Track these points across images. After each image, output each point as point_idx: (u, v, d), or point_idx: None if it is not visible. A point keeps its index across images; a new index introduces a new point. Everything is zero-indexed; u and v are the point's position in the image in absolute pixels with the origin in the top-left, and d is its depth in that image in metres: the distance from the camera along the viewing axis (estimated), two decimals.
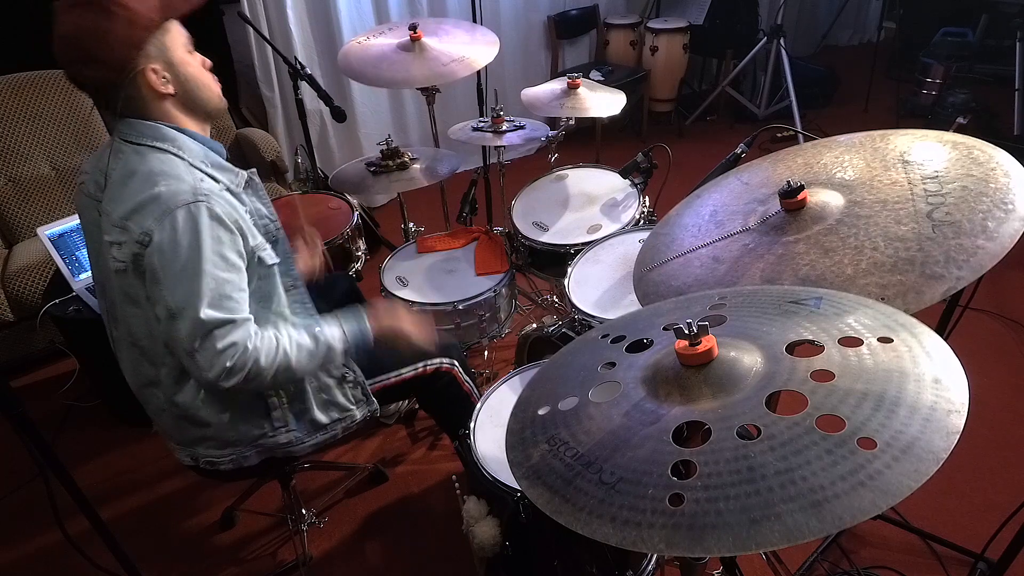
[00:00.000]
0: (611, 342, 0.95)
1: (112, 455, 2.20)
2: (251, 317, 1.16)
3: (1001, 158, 1.00)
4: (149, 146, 1.15)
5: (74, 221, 2.20)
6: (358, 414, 1.44)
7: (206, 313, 1.09)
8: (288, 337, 1.21)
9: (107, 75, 1.10)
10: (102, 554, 1.36)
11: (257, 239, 1.21)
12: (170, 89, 1.15)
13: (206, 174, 1.17)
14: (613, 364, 0.89)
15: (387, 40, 2.16)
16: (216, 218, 1.11)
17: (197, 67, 1.20)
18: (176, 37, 1.16)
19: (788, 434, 0.67)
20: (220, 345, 1.10)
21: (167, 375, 1.24)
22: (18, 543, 1.94)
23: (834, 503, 0.60)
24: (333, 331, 1.28)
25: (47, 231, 2.16)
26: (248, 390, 1.23)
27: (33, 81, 2.63)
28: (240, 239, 1.16)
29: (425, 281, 1.96)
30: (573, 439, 0.80)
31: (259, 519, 1.94)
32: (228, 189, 1.20)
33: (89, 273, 2.20)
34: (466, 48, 2.11)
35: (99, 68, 1.09)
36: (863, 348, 0.74)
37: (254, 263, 1.21)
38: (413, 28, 2.10)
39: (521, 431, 0.88)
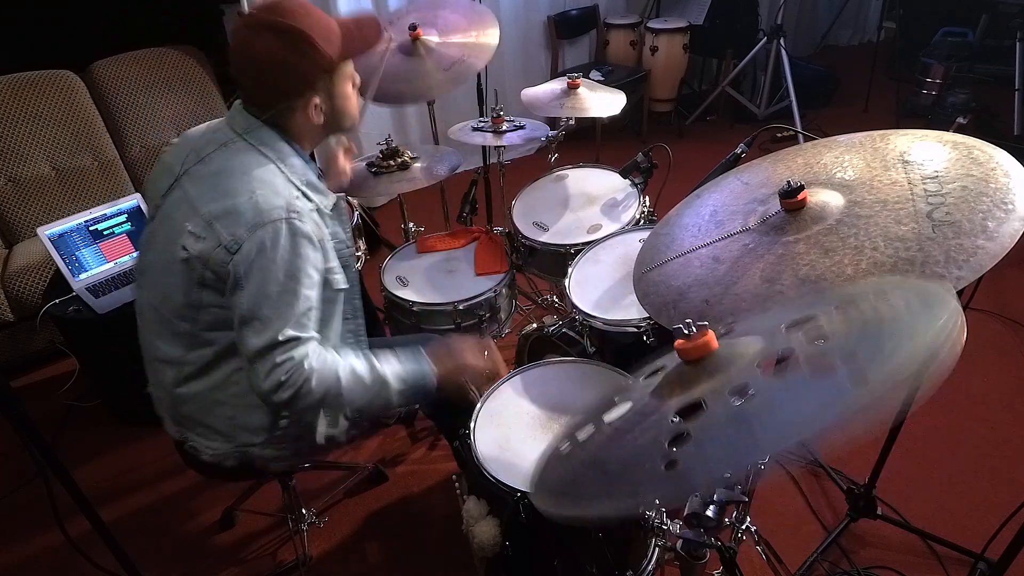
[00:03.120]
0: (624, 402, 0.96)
1: (112, 455, 2.20)
2: (317, 336, 1.17)
3: (1001, 158, 1.00)
4: (259, 151, 1.18)
5: (74, 221, 2.19)
6: (344, 439, 1.43)
7: (279, 329, 1.11)
8: (346, 364, 1.19)
9: (273, 98, 1.16)
10: (102, 554, 1.36)
11: (333, 262, 1.23)
12: (320, 120, 1.21)
13: (301, 192, 1.19)
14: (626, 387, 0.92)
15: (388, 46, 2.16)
16: (305, 235, 1.13)
17: (352, 96, 1.26)
18: (346, 70, 1.22)
19: (779, 385, 0.70)
20: (280, 358, 1.11)
21: (198, 359, 1.24)
22: (18, 543, 1.94)
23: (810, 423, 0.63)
24: (393, 368, 1.25)
25: (47, 231, 2.16)
26: (295, 409, 1.20)
27: (33, 81, 2.63)
28: (322, 259, 1.18)
29: (425, 281, 1.96)
30: (583, 449, 0.83)
31: (259, 519, 1.94)
32: (318, 209, 1.22)
33: (89, 273, 2.20)
34: (466, 38, 2.11)
35: (269, 91, 1.16)
36: (860, 309, 0.75)
37: (323, 284, 1.22)
38: (413, 28, 2.10)
39: (547, 472, 0.91)
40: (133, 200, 2.31)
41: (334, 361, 1.18)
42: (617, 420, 0.86)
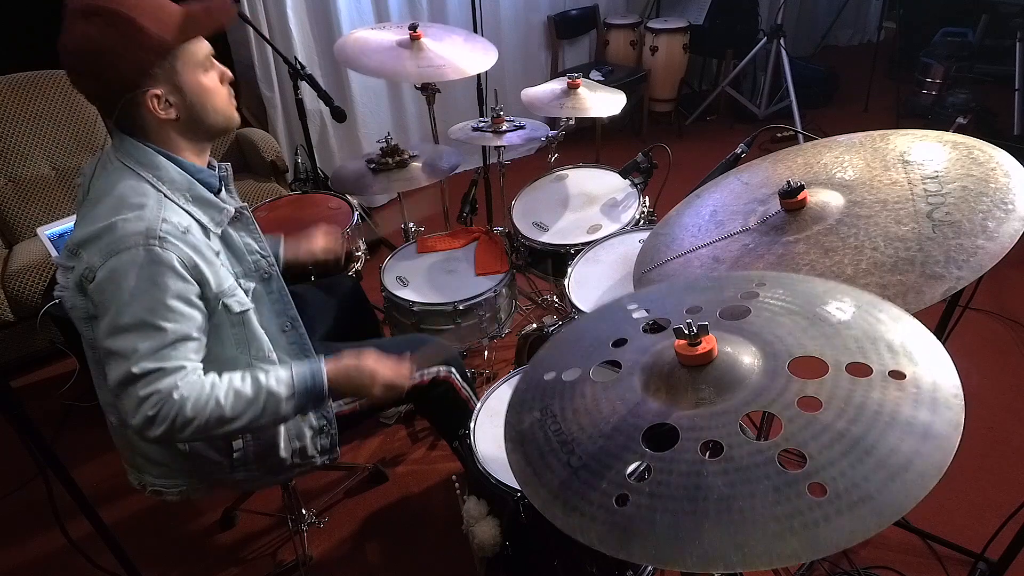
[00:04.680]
0: (634, 315, 0.93)
1: (112, 455, 2.18)
2: (185, 365, 1.07)
3: (1001, 158, 1.00)
4: (132, 170, 1.10)
5: (74, 221, 2.19)
6: (318, 462, 1.39)
7: (134, 363, 1.02)
8: (226, 384, 1.10)
9: (106, 91, 1.06)
10: (102, 554, 1.36)
11: (224, 286, 1.14)
12: (172, 115, 1.10)
13: (184, 209, 1.11)
14: (625, 342, 0.88)
15: (387, 35, 2.16)
16: (166, 264, 1.04)
17: (210, 87, 1.13)
18: (192, 56, 1.09)
19: (747, 460, 0.65)
20: (143, 392, 1.03)
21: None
22: (18, 543, 1.94)
23: (757, 543, 0.59)
24: (278, 375, 1.15)
25: (47, 231, 2.16)
26: (179, 441, 1.11)
27: (33, 81, 2.63)
28: (194, 287, 1.08)
29: (425, 281, 1.96)
30: (561, 414, 0.81)
31: (259, 519, 1.94)
32: (205, 227, 1.14)
33: None
34: (463, 55, 2.11)
35: (98, 84, 1.05)
36: (868, 379, 0.69)
37: (219, 311, 1.13)
38: (413, 28, 2.10)
39: (525, 391, 0.89)
40: None
41: (212, 383, 1.08)
42: (601, 381, 0.83)
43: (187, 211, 1.12)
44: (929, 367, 0.69)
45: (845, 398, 0.68)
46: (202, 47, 1.11)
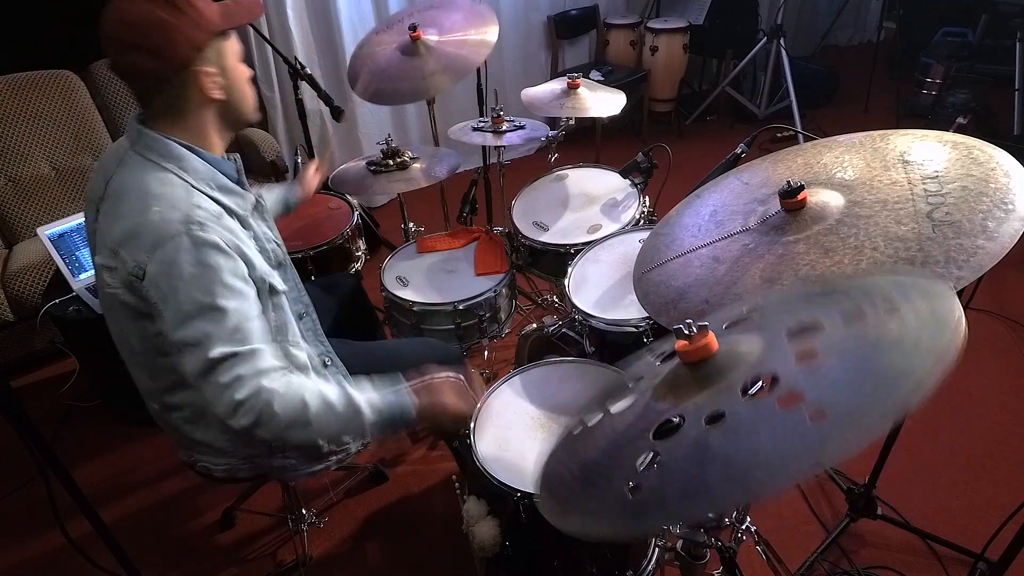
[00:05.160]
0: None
1: (112, 455, 2.20)
2: (261, 348, 1.08)
3: (1001, 158, 1.00)
4: (154, 163, 1.11)
5: (74, 221, 2.19)
6: (353, 448, 1.41)
7: (209, 349, 1.03)
8: (314, 388, 1.11)
9: (161, 68, 1.08)
10: (102, 554, 1.36)
11: (264, 267, 1.16)
12: (219, 95, 1.14)
13: (210, 197, 1.13)
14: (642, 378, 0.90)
15: (388, 47, 2.17)
16: (211, 245, 1.05)
17: (248, 77, 1.20)
18: (233, 45, 1.16)
19: (749, 418, 0.67)
20: (224, 379, 1.04)
21: (165, 389, 1.22)
22: (18, 543, 1.94)
23: (761, 471, 0.60)
24: (369, 397, 1.16)
25: (47, 231, 2.16)
26: (259, 438, 1.09)
27: (33, 81, 2.63)
28: (243, 265, 1.10)
29: (425, 281, 1.96)
30: (583, 449, 0.82)
31: (259, 519, 1.94)
32: (233, 213, 1.16)
33: (90, 273, 2.20)
34: (466, 36, 2.12)
35: (156, 60, 1.07)
36: (864, 321, 0.71)
37: (265, 292, 1.16)
38: (413, 28, 2.10)
39: (566, 437, 0.90)
40: None
41: (300, 384, 1.10)
42: (620, 410, 0.84)
43: (214, 198, 1.14)
44: (928, 302, 0.71)
45: (841, 338, 0.70)
46: (238, 42, 1.18)
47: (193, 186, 1.12)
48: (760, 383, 0.71)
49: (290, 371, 1.13)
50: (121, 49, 1.06)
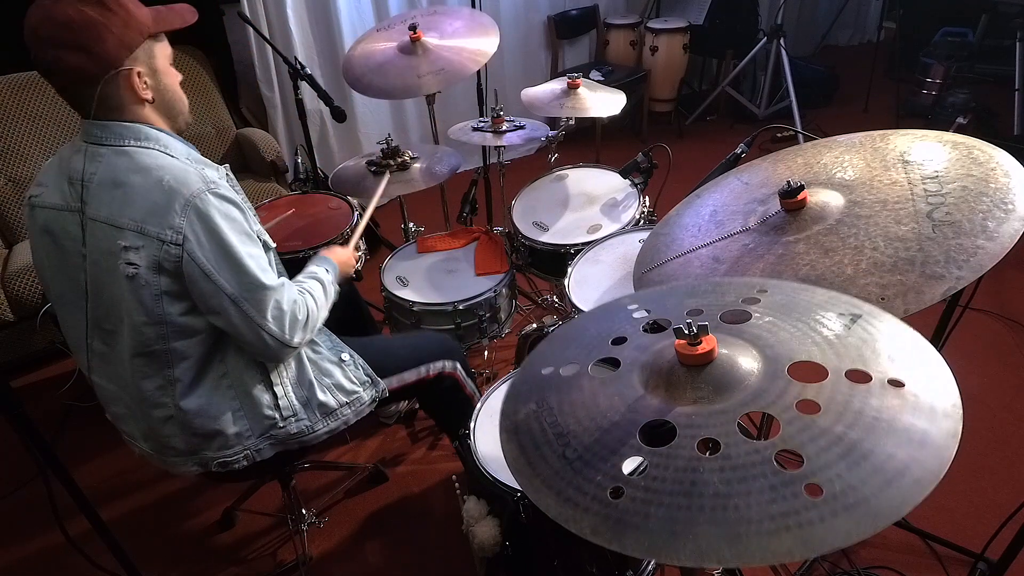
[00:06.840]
0: (634, 314, 0.93)
1: (112, 455, 2.20)
2: (282, 279, 1.25)
3: (1001, 158, 1.00)
4: (134, 146, 1.14)
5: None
6: (365, 395, 1.43)
7: (268, 288, 1.18)
8: (302, 285, 1.32)
9: (91, 67, 1.09)
10: (102, 554, 1.36)
11: (256, 224, 1.26)
12: (149, 95, 1.16)
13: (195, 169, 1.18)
14: (624, 340, 0.88)
15: (387, 44, 2.17)
16: (231, 200, 1.16)
17: (177, 81, 1.23)
18: (164, 48, 1.19)
19: (744, 459, 0.65)
20: (285, 306, 1.21)
21: (184, 373, 1.22)
22: (18, 543, 1.94)
23: (752, 540, 0.59)
24: (314, 271, 1.40)
25: None
26: (305, 339, 1.29)
27: (33, 81, 2.63)
28: (248, 218, 1.21)
29: (425, 281, 1.96)
30: (558, 408, 0.81)
31: (259, 519, 1.94)
32: (225, 175, 1.24)
33: None
34: (466, 41, 2.12)
35: (85, 59, 1.07)
36: (867, 386, 0.69)
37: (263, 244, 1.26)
38: (413, 28, 2.10)
39: (522, 384, 0.90)
40: None
41: (298, 289, 1.29)
42: (599, 376, 0.83)
43: (198, 170, 1.18)
44: (928, 377, 0.69)
45: (844, 403, 0.67)
46: (168, 46, 1.20)
47: (177, 159, 1.17)
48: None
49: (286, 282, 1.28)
50: (48, 46, 1.07)
